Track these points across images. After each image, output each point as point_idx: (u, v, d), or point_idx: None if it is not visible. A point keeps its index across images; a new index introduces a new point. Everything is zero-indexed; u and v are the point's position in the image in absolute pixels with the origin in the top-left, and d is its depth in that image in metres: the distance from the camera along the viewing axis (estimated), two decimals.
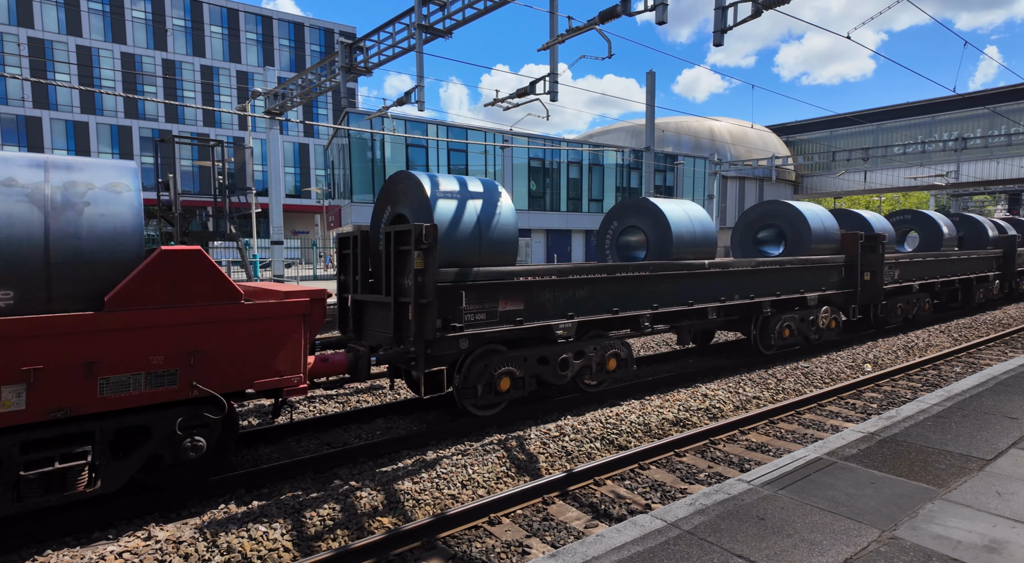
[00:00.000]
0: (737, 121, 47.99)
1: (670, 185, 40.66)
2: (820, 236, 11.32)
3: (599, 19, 10.33)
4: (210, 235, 20.73)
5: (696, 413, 7.59)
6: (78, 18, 45.65)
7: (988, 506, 3.69)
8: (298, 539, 4.38)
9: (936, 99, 45.88)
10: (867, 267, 11.66)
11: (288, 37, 54.72)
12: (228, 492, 5.25)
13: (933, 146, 33.81)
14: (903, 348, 11.84)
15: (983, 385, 6.80)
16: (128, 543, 4.23)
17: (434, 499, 5.10)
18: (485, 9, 12.14)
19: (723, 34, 9.01)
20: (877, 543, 3.23)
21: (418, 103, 12.90)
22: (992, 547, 3.18)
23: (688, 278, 8.74)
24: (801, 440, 6.80)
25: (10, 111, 43.71)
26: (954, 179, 40.98)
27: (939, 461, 4.48)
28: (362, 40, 15.52)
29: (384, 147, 29.75)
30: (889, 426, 5.32)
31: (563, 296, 7.29)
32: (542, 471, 5.79)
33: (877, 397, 8.58)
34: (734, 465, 6.04)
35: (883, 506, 3.70)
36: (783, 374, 9.50)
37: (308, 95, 19.83)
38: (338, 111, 52.64)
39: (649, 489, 5.42)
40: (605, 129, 50.25)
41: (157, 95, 47.94)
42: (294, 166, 54.52)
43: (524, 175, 35.04)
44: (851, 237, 11.66)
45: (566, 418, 7.07)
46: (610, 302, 7.81)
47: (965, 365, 10.70)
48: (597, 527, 4.72)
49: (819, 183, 50.86)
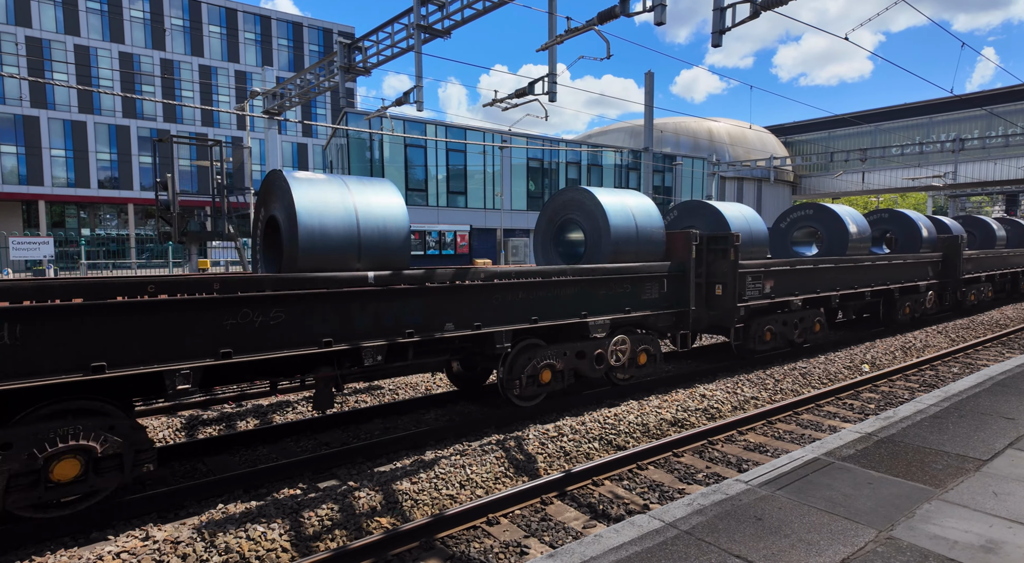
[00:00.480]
0: (736, 122, 48.08)
1: (668, 185, 40.71)
2: (625, 237, 8.27)
3: (598, 20, 10.35)
4: (208, 235, 20.70)
5: (694, 413, 7.60)
6: (76, 17, 45.55)
7: (985, 506, 3.71)
8: (296, 539, 4.38)
9: (934, 100, 46.02)
10: (713, 278, 8.86)
11: (287, 37, 54.65)
12: (226, 492, 5.25)
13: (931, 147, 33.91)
14: (900, 349, 11.87)
15: (980, 386, 6.82)
16: (126, 543, 4.22)
17: (432, 499, 5.10)
18: (484, 9, 12.16)
19: (722, 35, 9.03)
20: (874, 543, 3.24)
21: (417, 103, 12.91)
22: (989, 547, 3.19)
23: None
24: (799, 440, 6.81)
25: (8, 110, 43.59)
26: (952, 180, 41.10)
27: (936, 461, 4.49)
28: (361, 40, 15.53)
29: (383, 147, 29.75)
30: (886, 427, 5.33)
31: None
32: (540, 471, 5.80)
33: (875, 398, 8.60)
34: (732, 465, 6.05)
35: (880, 506, 3.71)
36: (781, 374, 9.52)
37: (307, 95, 19.82)
38: (337, 111, 52.58)
39: (647, 489, 5.42)
40: (604, 129, 50.31)
41: (155, 95, 47.83)
42: (292, 166, 54.46)
43: (523, 175, 35.06)
44: (681, 236, 8.65)
45: (564, 418, 7.07)
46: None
47: (962, 366, 10.73)
48: (595, 527, 4.72)
49: (817, 184, 50.97)
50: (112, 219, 48.82)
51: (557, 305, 7.06)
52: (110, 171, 47.03)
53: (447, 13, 12.64)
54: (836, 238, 12.37)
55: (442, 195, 32.09)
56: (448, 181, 32.33)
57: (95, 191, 46.43)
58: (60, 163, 45.40)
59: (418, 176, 31.36)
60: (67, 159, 45.63)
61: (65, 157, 45.56)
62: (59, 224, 46.24)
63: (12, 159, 43.84)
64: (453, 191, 32.49)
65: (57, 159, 45.26)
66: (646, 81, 26.78)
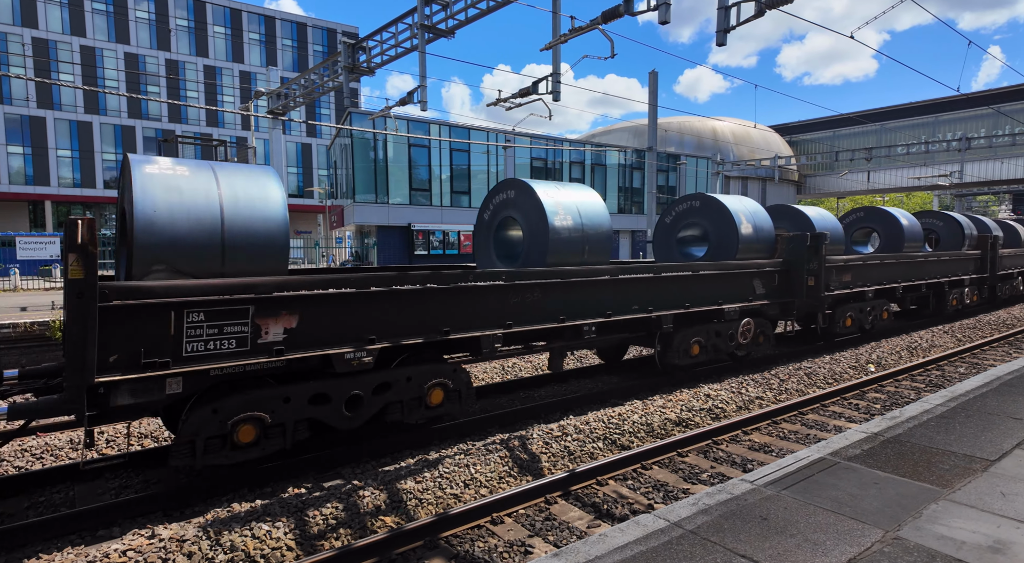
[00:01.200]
0: (740, 121, 47.93)
1: (672, 185, 40.63)
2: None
3: (602, 19, 10.33)
4: None
5: (699, 413, 7.59)
6: (82, 18, 45.78)
7: (992, 507, 3.68)
8: (301, 538, 4.39)
9: (940, 99, 45.74)
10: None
11: (291, 37, 54.79)
12: (231, 491, 5.26)
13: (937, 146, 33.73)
14: (906, 349, 11.81)
15: (987, 386, 6.78)
16: (132, 541, 4.24)
17: (437, 498, 5.10)
18: (487, 9, 12.15)
19: (726, 34, 9.00)
20: (881, 543, 3.22)
21: (420, 103, 12.92)
22: (996, 548, 3.17)
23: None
24: (804, 440, 6.79)
25: (15, 111, 43.86)
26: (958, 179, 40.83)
27: (943, 462, 4.47)
28: (365, 40, 15.55)
29: (387, 147, 29.79)
30: (892, 426, 5.30)
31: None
32: (544, 471, 5.79)
33: (880, 397, 8.56)
34: (737, 465, 6.03)
35: (887, 506, 3.69)
36: (786, 374, 9.48)
37: (311, 95, 19.87)
38: (341, 111, 52.68)
39: (652, 489, 5.41)
40: (607, 129, 50.21)
41: (161, 95, 48.04)
42: (297, 166, 54.60)
43: (527, 175, 35.02)
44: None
45: (568, 418, 7.07)
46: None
47: (969, 366, 10.66)
48: (600, 527, 4.71)
49: (822, 183, 50.76)
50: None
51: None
52: (115, 171, 47.25)
53: (451, 13, 12.63)
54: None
55: (446, 195, 32.12)
56: (452, 181, 32.35)
57: (101, 191, 46.67)
58: (66, 163, 45.66)
59: (422, 176, 31.40)
60: (73, 159, 45.88)
61: (71, 157, 45.81)
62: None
63: (19, 159, 44.11)
64: (457, 191, 32.52)
65: (63, 159, 45.51)
66: (650, 80, 26.72)
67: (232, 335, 4.83)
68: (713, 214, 10.03)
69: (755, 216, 10.20)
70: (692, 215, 10.41)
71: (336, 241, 39.28)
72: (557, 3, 10.91)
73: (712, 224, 10.04)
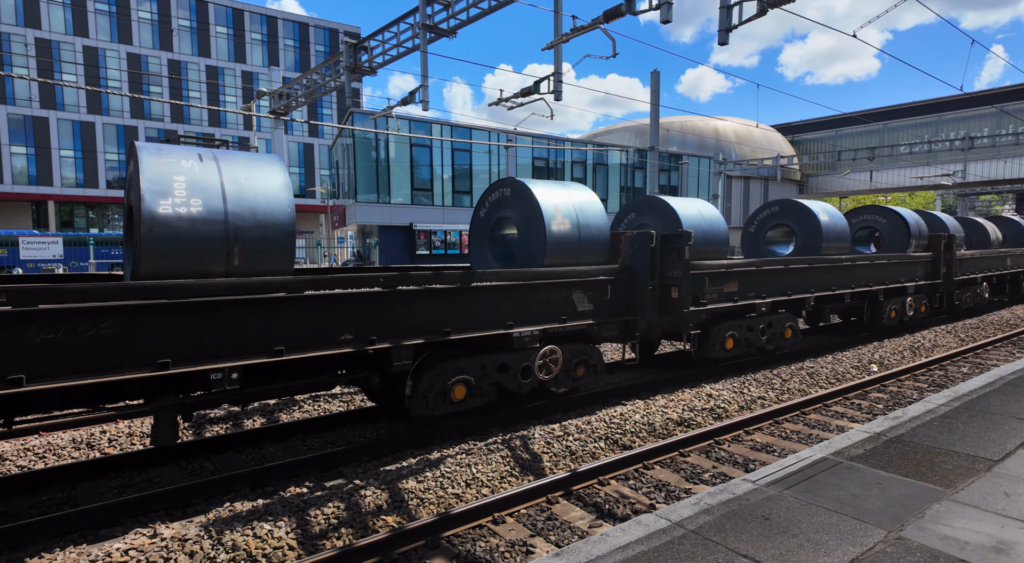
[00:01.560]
0: (742, 120, 47.87)
1: (675, 184, 40.59)
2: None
3: (603, 18, 10.32)
4: None
5: (701, 413, 7.57)
6: (85, 19, 45.89)
7: (996, 507, 3.67)
8: (303, 537, 4.39)
9: (942, 98, 45.61)
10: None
11: (293, 37, 54.86)
12: (233, 490, 5.27)
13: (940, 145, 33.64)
14: (909, 348, 11.78)
15: (990, 386, 6.76)
16: (134, 541, 4.25)
17: (438, 498, 5.10)
18: (489, 9, 12.15)
19: (728, 33, 8.99)
20: (884, 543, 3.21)
21: (422, 103, 12.93)
22: (1000, 548, 3.16)
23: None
24: (806, 440, 6.77)
25: (18, 111, 43.99)
26: (961, 179, 40.76)
27: (946, 461, 4.45)
28: (366, 40, 15.56)
29: (388, 147, 29.81)
30: (895, 426, 5.29)
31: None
32: (546, 470, 5.79)
33: (883, 397, 8.54)
34: (739, 465, 6.02)
35: (889, 506, 3.68)
36: (788, 374, 9.47)
37: (313, 95, 19.89)
38: (342, 111, 52.73)
39: (653, 489, 5.40)
40: (609, 129, 50.18)
41: (163, 95, 48.14)
42: (299, 166, 54.68)
43: (528, 175, 35.00)
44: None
45: (570, 418, 7.06)
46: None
47: (972, 366, 10.63)
48: (601, 527, 4.71)
49: (824, 183, 50.66)
50: (120, 219, 49.14)
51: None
52: (118, 171, 47.37)
53: (453, 12, 12.64)
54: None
55: (447, 195, 32.13)
56: (453, 181, 32.36)
57: (103, 191, 46.78)
58: (69, 163, 45.77)
59: (423, 176, 31.41)
60: (76, 159, 46.00)
61: (74, 157, 45.92)
62: (68, 224, 46.61)
63: (22, 160, 44.23)
64: (459, 191, 32.53)
65: (66, 159, 45.63)
66: (652, 80, 26.69)
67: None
68: (522, 204, 7.48)
69: (581, 209, 7.56)
70: (503, 207, 7.86)
71: (338, 241, 39.34)
72: (559, 2, 10.91)
73: (521, 218, 7.53)
